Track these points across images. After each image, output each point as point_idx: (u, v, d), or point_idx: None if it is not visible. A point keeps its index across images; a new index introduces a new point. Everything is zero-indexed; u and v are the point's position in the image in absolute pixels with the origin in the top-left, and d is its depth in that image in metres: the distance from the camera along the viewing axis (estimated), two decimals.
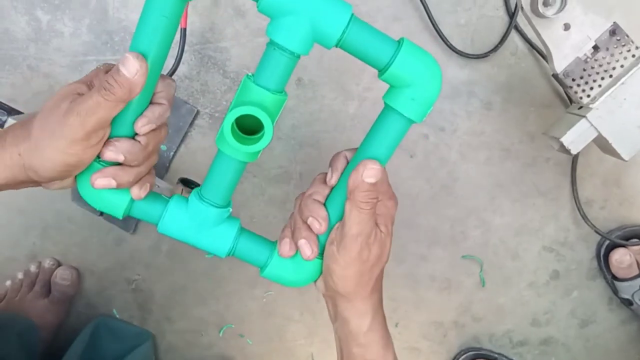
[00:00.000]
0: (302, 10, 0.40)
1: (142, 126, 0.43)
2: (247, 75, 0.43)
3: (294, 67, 0.42)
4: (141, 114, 0.43)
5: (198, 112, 0.77)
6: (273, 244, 0.50)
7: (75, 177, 0.45)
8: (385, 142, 0.45)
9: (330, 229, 0.47)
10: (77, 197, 0.79)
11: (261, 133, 0.41)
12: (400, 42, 0.43)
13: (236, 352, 0.86)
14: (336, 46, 0.42)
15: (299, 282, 0.50)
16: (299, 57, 0.42)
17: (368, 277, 0.47)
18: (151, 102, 0.44)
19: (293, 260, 0.49)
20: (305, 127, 0.78)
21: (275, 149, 0.78)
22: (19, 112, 0.69)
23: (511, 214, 0.82)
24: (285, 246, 0.47)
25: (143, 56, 0.40)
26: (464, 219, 0.82)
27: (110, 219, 0.79)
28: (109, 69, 0.43)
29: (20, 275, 0.80)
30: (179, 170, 0.79)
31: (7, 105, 0.71)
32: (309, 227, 0.47)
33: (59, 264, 0.81)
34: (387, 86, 0.45)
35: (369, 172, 0.43)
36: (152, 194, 0.48)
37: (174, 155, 0.78)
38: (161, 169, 0.78)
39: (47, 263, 0.80)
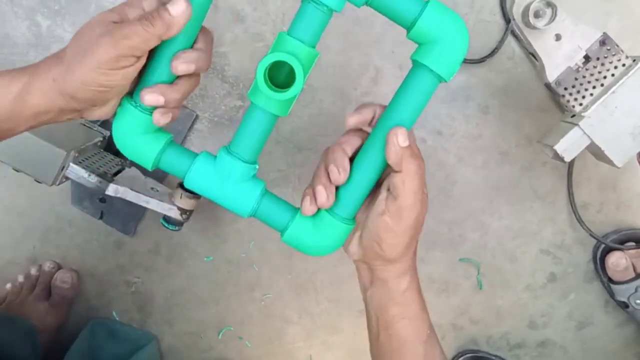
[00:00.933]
0: None
1: (179, 64, 0.45)
2: (281, 31, 0.47)
3: (327, 22, 0.46)
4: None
5: (197, 116, 0.81)
6: (297, 209, 0.51)
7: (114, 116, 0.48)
8: (414, 101, 0.48)
9: (352, 185, 0.48)
10: (77, 201, 0.83)
11: (292, 84, 0.44)
12: (427, 1, 0.46)
13: (235, 354, 0.90)
14: (366, 4, 0.46)
15: (321, 249, 0.51)
16: (331, 12, 0.46)
17: (415, 240, 0.50)
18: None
19: (315, 226, 0.50)
20: (303, 131, 0.82)
21: (273, 153, 0.83)
22: None
23: (509, 217, 0.86)
24: (307, 202, 0.48)
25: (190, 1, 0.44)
26: (461, 222, 0.86)
27: (110, 222, 0.84)
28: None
29: (20, 278, 0.84)
30: None
31: None
32: (329, 176, 0.48)
33: (59, 267, 0.85)
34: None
35: (402, 137, 0.45)
36: (181, 148, 0.51)
37: None
38: (160, 172, 0.82)
39: (48, 266, 0.84)
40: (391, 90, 0.49)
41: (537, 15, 0.58)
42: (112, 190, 0.72)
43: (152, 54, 0.46)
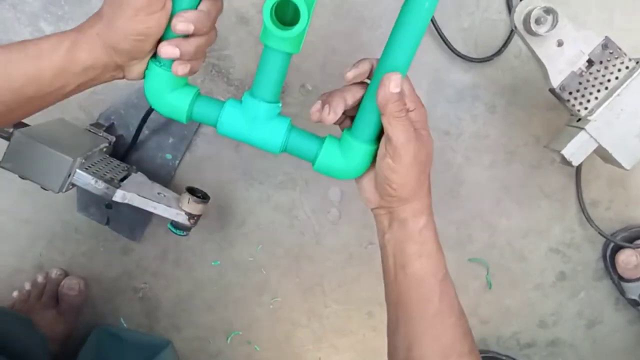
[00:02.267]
0: None
1: (177, 23, 0.52)
2: None
3: None
4: None
5: None
6: (323, 139, 0.58)
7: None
8: (412, 25, 0.51)
9: (369, 109, 0.55)
10: (83, 207, 0.88)
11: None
12: None
13: (244, 358, 0.97)
14: None
15: (350, 172, 0.58)
16: None
17: (424, 176, 0.57)
18: None
19: (342, 150, 0.57)
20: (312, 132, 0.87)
21: (280, 156, 0.88)
22: (25, 125, 0.78)
23: (517, 216, 0.92)
24: (315, 107, 0.56)
25: None
26: (469, 222, 0.92)
27: (117, 228, 0.90)
28: None
29: (27, 286, 0.90)
30: (184, 178, 0.88)
31: None
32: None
33: (66, 274, 0.91)
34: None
35: (393, 83, 0.51)
36: (209, 99, 0.58)
37: (179, 164, 0.88)
38: (166, 177, 0.88)
39: (54, 273, 0.90)
40: None
41: (538, 22, 0.63)
42: (119, 196, 0.77)
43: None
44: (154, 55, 0.55)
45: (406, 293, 0.57)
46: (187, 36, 0.54)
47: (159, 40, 0.54)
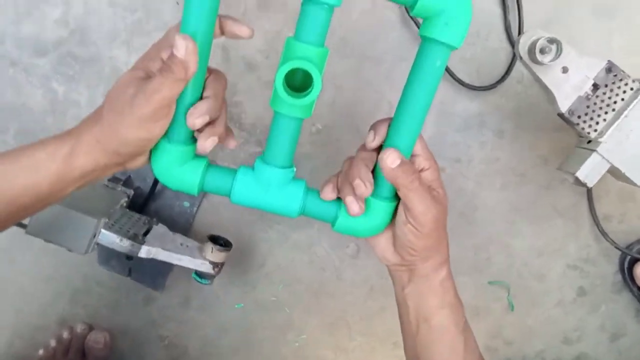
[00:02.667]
0: None
1: (194, 120, 0.52)
2: (288, 37, 0.51)
3: (329, 19, 0.51)
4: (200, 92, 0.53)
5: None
6: (340, 199, 0.58)
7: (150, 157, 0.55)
8: (427, 81, 0.52)
9: (380, 191, 0.56)
10: (104, 260, 0.89)
11: (311, 86, 0.49)
12: None
13: None
14: None
15: (371, 229, 0.58)
16: (332, 8, 0.50)
17: (443, 231, 0.59)
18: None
19: None
20: (324, 171, 0.89)
21: None
22: None
23: (532, 236, 0.93)
24: (329, 190, 0.56)
25: (191, 37, 0.48)
26: (485, 245, 0.93)
27: (139, 278, 0.90)
28: (160, 46, 0.52)
29: (53, 343, 0.90)
30: (203, 225, 0.89)
31: None
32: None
33: (91, 328, 0.91)
34: None
35: (390, 160, 0.52)
36: (220, 168, 0.57)
37: (197, 211, 0.89)
38: (185, 225, 0.89)
39: (80, 328, 0.90)
40: None
41: (543, 51, 0.65)
42: (144, 252, 0.78)
43: None
44: None
45: (431, 346, 0.58)
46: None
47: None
